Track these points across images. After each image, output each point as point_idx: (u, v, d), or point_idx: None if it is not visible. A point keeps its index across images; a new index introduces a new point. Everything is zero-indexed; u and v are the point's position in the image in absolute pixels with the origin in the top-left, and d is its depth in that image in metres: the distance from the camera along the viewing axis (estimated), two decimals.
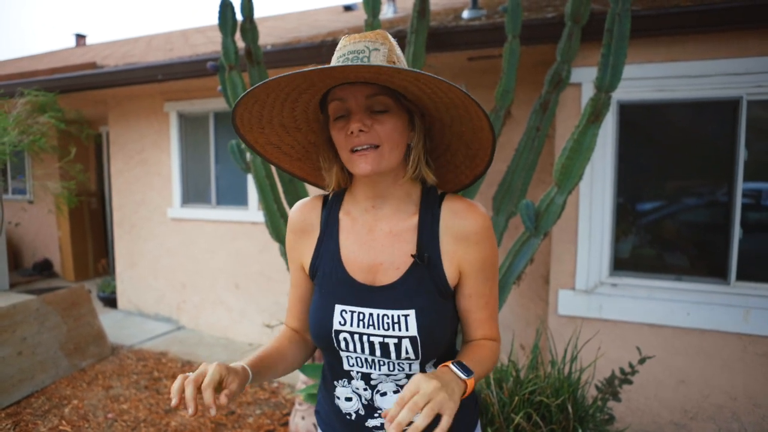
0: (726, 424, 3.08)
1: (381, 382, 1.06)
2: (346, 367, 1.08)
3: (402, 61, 1.01)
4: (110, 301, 5.96)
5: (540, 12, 3.48)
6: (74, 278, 7.10)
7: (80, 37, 11.39)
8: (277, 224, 3.04)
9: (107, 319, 5.30)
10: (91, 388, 3.80)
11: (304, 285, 1.17)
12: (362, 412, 1.09)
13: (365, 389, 1.08)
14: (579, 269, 3.29)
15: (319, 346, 1.11)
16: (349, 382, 1.09)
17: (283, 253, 3.12)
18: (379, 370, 1.05)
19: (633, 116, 3.20)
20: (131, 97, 5.41)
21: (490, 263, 1.07)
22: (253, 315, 4.92)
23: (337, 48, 1.01)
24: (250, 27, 2.84)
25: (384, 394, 1.07)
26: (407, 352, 1.00)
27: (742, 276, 3.04)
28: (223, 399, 0.88)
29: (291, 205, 3.18)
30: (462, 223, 1.04)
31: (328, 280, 1.08)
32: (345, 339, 1.04)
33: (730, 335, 3.03)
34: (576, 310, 3.27)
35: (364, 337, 1.02)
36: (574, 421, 1.95)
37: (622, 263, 3.31)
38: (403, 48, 3.33)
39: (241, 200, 4.95)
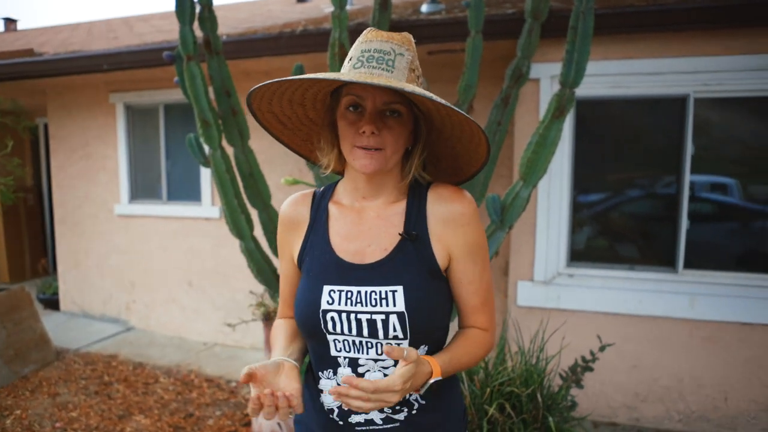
0: (673, 404, 3.25)
1: (369, 369, 1.05)
2: (333, 352, 1.07)
3: (419, 68, 1.05)
4: (52, 303, 5.65)
5: (499, 8, 3.53)
6: (9, 280, 6.67)
7: (10, 22, 10.66)
8: (237, 219, 2.96)
9: (49, 322, 5.01)
10: (35, 397, 3.59)
11: (295, 277, 1.19)
12: (345, 408, 1.07)
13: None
14: (537, 261, 3.37)
15: (304, 332, 1.10)
16: (335, 373, 1.08)
17: (245, 250, 3.05)
18: (367, 353, 1.04)
19: (589, 112, 3.30)
20: (73, 87, 5.12)
21: (479, 247, 1.09)
22: (208, 313, 4.78)
23: (361, 39, 1.03)
24: (208, 16, 2.73)
25: None
26: (395, 329, 1.01)
27: (689, 265, 3.20)
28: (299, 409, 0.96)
29: (251, 199, 3.10)
30: (449, 207, 1.07)
31: (317, 263, 1.09)
32: (332, 318, 1.04)
33: (678, 321, 3.19)
34: (535, 300, 3.36)
35: (352, 315, 1.02)
36: (544, 409, 2.00)
37: (579, 254, 3.42)
38: None
39: (194, 195, 4.79)
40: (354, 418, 1.08)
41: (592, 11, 2.21)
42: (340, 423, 1.09)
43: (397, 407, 1.06)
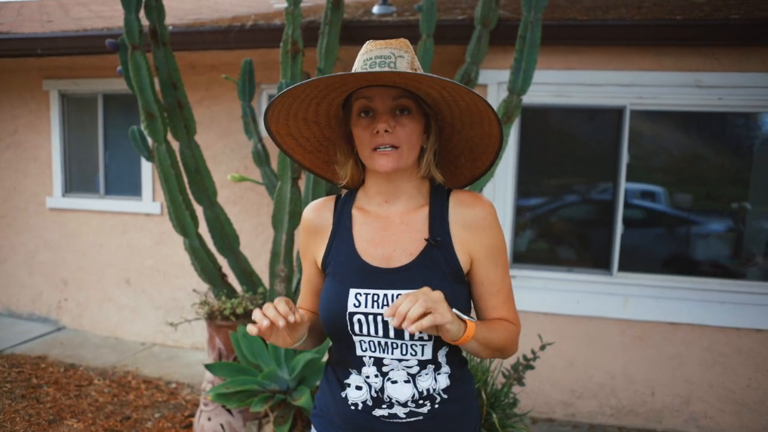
0: (606, 400, 3.42)
1: (393, 369, 1.08)
2: (358, 352, 1.10)
3: (420, 68, 1.10)
4: None
5: (448, 13, 3.60)
6: None
7: None
8: (181, 216, 2.88)
9: None
10: None
11: (317, 280, 1.22)
12: (370, 402, 1.10)
13: (376, 376, 1.09)
14: None
15: (331, 333, 1.13)
16: (360, 371, 1.11)
17: (189, 247, 2.97)
18: (392, 354, 1.07)
19: (533, 119, 3.43)
20: (1, 71, 4.80)
21: (499, 250, 1.13)
22: (146, 312, 4.61)
23: (362, 51, 1.08)
24: (155, 5, 2.65)
25: (395, 382, 1.09)
26: (420, 332, 1.02)
27: (623, 267, 3.38)
28: (296, 318, 0.96)
29: (196, 196, 3.03)
30: (470, 211, 1.11)
31: (342, 268, 1.11)
32: (359, 321, 1.07)
33: (611, 321, 3.36)
34: None
35: (379, 318, 1.05)
36: (488, 407, 2.07)
37: (521, 257, 3.54)
38: (315, 39, 3.28)
39: (134, 190, 4.60)
40: (378, 412, 1.10)
41: (540, 22, 2.30)
42: (365, 416, 1.11)
43: (421, 401, 1.09)
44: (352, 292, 1.07)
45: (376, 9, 3.88)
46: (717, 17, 3.09)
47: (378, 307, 1.06)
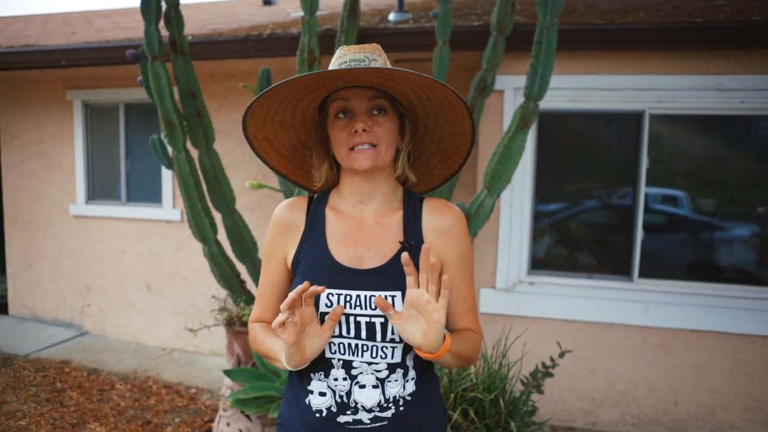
0: (628, 408, 3.37)
1: (362, 372, 1.08)
2: (327, 354, 1.09)
3: None
4: None
5: (464, 19, 3.60)
6: None
7: None
8: (200, 223, 2.92)
9: None
10: None
11: (285, 283, 1.20)
12: (334, 409, 1.09)
13: (345, 379, 1.09)
14: (499, 269, 3.44)
15: None
16: (327, 375, 1.10)
17: (207, 254, 3.01)
18: (362, 356, 1.08)
19: (550, 124, 3.40)
20: (27, 82, 4.93)
21: (467, 257, 1.16)
22: (167, 318, 4.67)
23: (336, 56, 1.10)
24: (175, 15, 2.70)
25: (363, 386, 1.08)
26: (393, 332, 1.05)
27: (643, 274, 3.33)
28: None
29: (215, 203, 3.06)
30: (442, 218, 1.14)
31: (314, 268, 1.11)
32: None
33: (632, 328, 3.31)
34: (496, 307, 3.42)
35: (351, 318, 1.05)
36: (506, 414, 2.05)
37: (539, 263, 3.51)
38: (332, 47, 3.31)
39: (154, 197, 4.68)
40: (342, 418, 1.09)
41: (556, 27, 2.29)
42: (328, 423, 1.10)
43: (385, 405, 1.09)
44: (324, 292, 1.06)
45: (392, 16, 3.89)
46: (738, 19, 3.04)
47: (350, 308, 1.05)
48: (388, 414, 1.09)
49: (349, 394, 1.09)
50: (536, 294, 3.39)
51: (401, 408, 1.10)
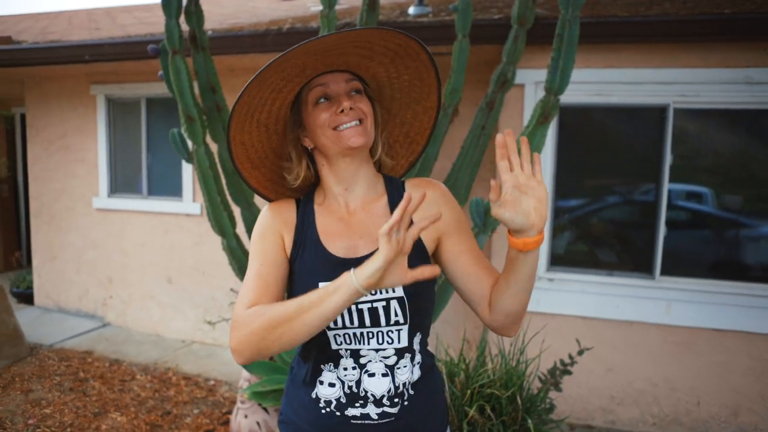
0: (648, 407, 3.32)
1: (370, 360, 1.08)
2: (333, 346, 1.09)
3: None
4: (26, 297, 5.53)
5: (485, 12, 3.56)
6: None
7: None
8: (219, 216, 2.93)
9: (23, 317, 4.90)
10: (7, 393, 3.52)
11: (284, 264, 1.12)
12: (343, 400, 1.09)
13: (354, 368, 1.09)
14: None
15: None
16: (337, 366, 1.10)
17: (226, 247, 3.02)
18: (368, 344, 1.08)
19: (572, 118, 3.35)
20: (52, 77, 5.02)
21: (465, 222, 1.16)
22: (186, 310, 4.73)
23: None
24: (195, 10, 2.71)
25: (372, 375, 1.08)
26: (396, 314, 1.06)
27: (665, 271, 3.27)
28: None
29: (234, 197, 3.07)
30: (429, 191, 1.13)
31: (309, 262, 1.11)
32: None
33: (653, 326, 3.25)
34: None
35: (353, 307, 1.05)
36: (523, 412, 2.03)
37: (559, 259, 3.47)
38: None
39: (175, 191, 4.73)
40: (350, 411, 1.09)
41: (577, 20, 2.25)
42: (337, 414, 1.09)
43: (396, 399, 1.09)
44: (322, 285, 1.01)
45: (412, 10, 3.87)
46: None
47: None
48: (395, 410, 1.09)
49: (359, 383, 1.09)
50: (555, 290, 3.35)
51: (406, 402, 1.10)
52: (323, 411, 1.11)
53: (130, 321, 4.98)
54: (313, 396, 1.12)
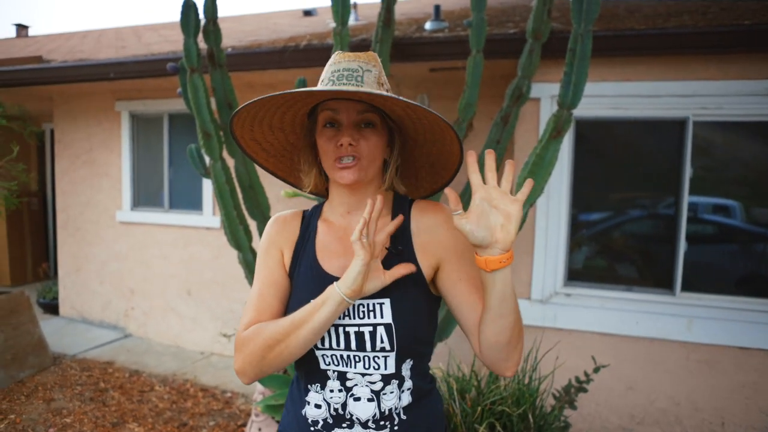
0: (670, 427, 3.22)
1: (356, 384, 1.06)
2: (322, 366, 1.08)
3: (387, 82, 1.11)
4: (51, 308, 5.66)
5: (501, 27, 3.56)
6: (11, 283, 6.70)
7: (21, 28, 10.79)
8: (235, 230, 2.98)
9: (48, 327, 5.03)
10: (30, 401, 3.59)
11: (284, 283, 1.13)
12: (330, 421, 1.08)
13: (340, 391, 1.08)
14: (535, 280, 3.37)
15: None
16: (323, 387, 1.09)
17: (242, 261, 3.06)
18: (355, 367, 1.06)
19: (588, 132, 3.32)
20: (80, 94, 5.18)
21: (467, 247, 1.08)
22: (205, 323, 4.79)
23: (330, 62, 1.09)
24: (213, 29, 2.78)
25: (358, 399, 1.07)
26: (382, 341, 1.02)
27: (686, 287, 3.19)
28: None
29: (250, 211, 3.12)
30: (430, 217, 1.12)
31: (304, 279, 1.11)
32: None
33: (674, 343, 3.17)
34: (531, 319, 3.35)
35: (340, 329, 1.04)
36: (535, 430, 1.99)
37: (576, 274, 3.42)
38: None
39: (195, 205, 4.82)
40: (337, 431, 1.08)
41: (590, 34, 2.23)
42: None
43: (382, 422, 1.07)
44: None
45: (428, 25, 3.90)
46: None
47: (340, 318, 1.03)
48: None
49: (344, 406, 1.08)
50: (573, 306, 3.30)
51: (396, 427, 1.07)
52: (312, 429, 1.11)
53: (151, 332, 5.05)
54: (303, 414, 1.12)
